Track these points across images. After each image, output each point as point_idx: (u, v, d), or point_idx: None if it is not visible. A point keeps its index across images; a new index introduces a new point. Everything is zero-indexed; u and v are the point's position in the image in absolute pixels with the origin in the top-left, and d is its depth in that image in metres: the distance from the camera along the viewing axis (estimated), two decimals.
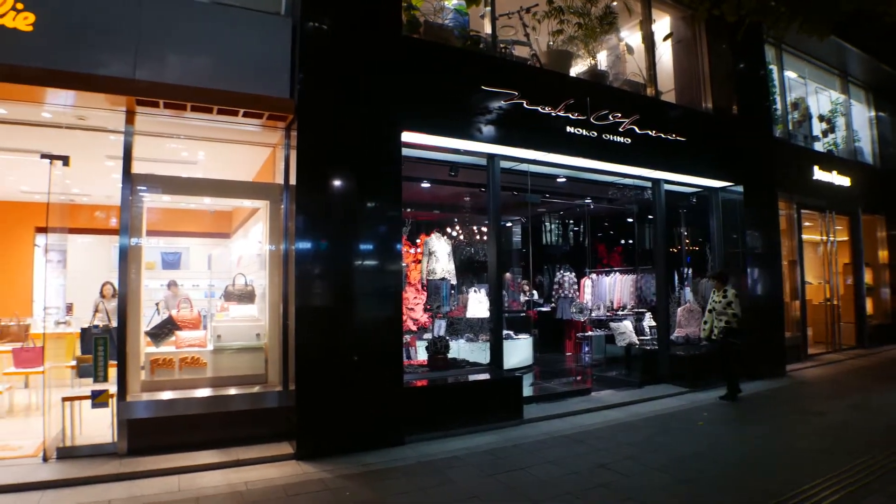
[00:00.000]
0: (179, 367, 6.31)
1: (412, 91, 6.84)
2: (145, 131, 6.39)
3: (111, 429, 5.96)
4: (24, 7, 5.37)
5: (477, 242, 10.34)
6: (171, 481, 5.23)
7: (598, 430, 6.99)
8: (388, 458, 5.90)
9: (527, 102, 7.76)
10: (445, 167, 8.18)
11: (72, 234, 9.62)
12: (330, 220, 6.25)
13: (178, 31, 5.98)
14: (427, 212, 10.93)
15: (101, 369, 5.95)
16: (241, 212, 10.34)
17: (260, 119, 6.43)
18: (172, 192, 6.81)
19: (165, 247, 11.48)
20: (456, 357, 8.31)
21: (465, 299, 9.47)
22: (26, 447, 6.02)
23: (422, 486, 5.13)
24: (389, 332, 6.50)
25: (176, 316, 6.83)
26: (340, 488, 5.07)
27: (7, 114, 6.34)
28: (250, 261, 8.37)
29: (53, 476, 5.26)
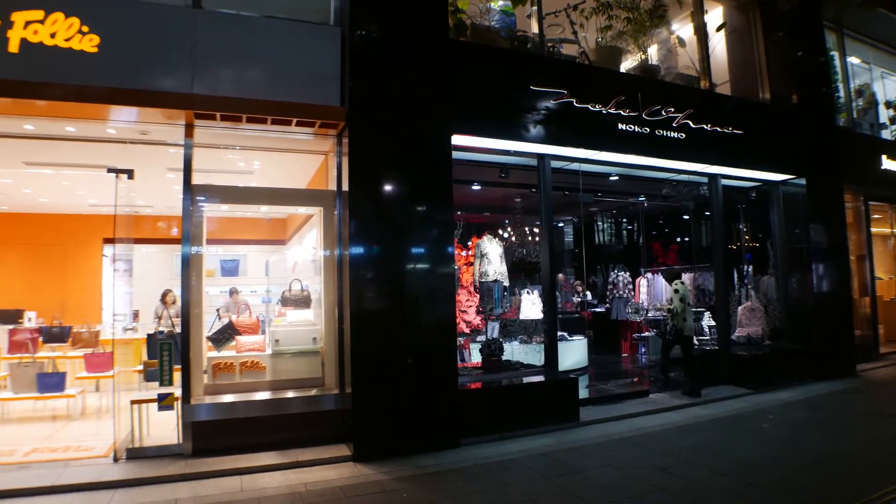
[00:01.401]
0: (240, 371, 6.49)
1: (461, 94, 6.85)
2: (203, 143, 6.61)
3: (176, 430, 6.18)
4: (90, 29, 5.68)
5: (529, 244, 10.27)
6: (234, 482, 5.38)
7: (656, 432, 6.83)
8: (443, 460, 5.91)
9: (576, 101, 7.66)
10: (496, 169, 8.16)
11: (136, 244, 10.04)
12: (383, 225, 6.32)
13: (232, 45, 6.19)
14: (478, 214, 10.93)
15: (167, 373, 6.18)
16: (296, 219, 10.57)
17: (312, 127, 6.56)
18: (230, 202, 7.03)
19: (224, 254, 11.84)
20: (510, 359, 8.26)
21: (517, 301, 9.42)
22: (98, 448, 6.31)
23: (478, 488, 5.12)
24: (443, 335, 6.52)
25: (236, 321, 7.03)
26: (397, 490, 5.10)
27: (76, 131, 6.67)
28: (305, 266, 8.53)
29: (124, 476, 5.50)
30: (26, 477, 5.46)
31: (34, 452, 6.22)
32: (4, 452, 6.23)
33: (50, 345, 8.99)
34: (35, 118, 6.25)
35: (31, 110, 5.96)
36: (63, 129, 6.57)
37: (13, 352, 8.54)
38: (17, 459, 6.00)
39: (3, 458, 6.03)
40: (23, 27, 5.55)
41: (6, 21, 5.52)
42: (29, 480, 5.37)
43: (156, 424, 6.44)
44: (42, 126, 6.49)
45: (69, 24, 5.65)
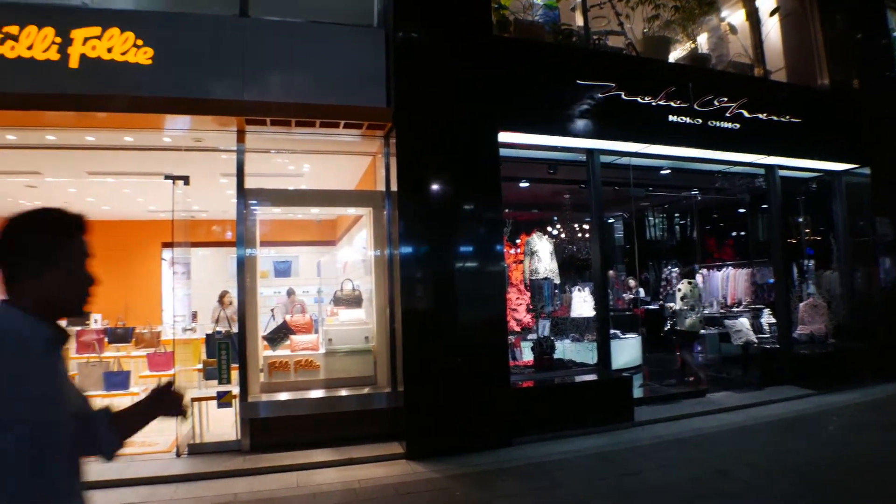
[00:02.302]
0: (294, 370, 6.62)
1: (506, 91, 6.81)
2: (254, 148, 6.77)
3: (235, 427, 6.35)
4: (144, 43, 5.94)
5: (579, 240, 10.12)
6: (290, 477, 5.49)
7: (714, 434, 6.62)
8: (496, 459, 5.88)
9: (625, 93, 7.51)
10: (544, 165, 8.08)
11: (193, 248, 10.35)
12: (432, 224, 6.34)
13: (279, 51, 6.36)
14: (526, 211, 10.84)
15: (225, 372, 6.36)
16: (345, 220, 10.71)
17: (360, 129, 6.65)
18: (282, 204, 7.19)
19: (276, 256, 12.08)
20: (562, 357, 8.17)
21: (568, 298, 9.30)
22: (161, 443, 6.54)
23: (531, 488, 5.08)
24: (494, 333, 6.50)
25: (290, 321, 7.17)
26: (450, 488, 5.11)
27: (134, 141, 6.94)
28: (356, 266, 8.64)
29: (185, 470, 5.70)
30: (94, 470, 5.68)
31: None
32: None
33: (115, 345, 9.36)
34: (96, 130, 6.54)
35: (92, 122, 6.23)
36: (122, 139, 6.84)
37: (81, 352, 8.93)
38: None
39: None
40: (82, 43, 5.84)
41: (66, 38, 5.81)
42: (98, 473, 5.59)
43: (215, 421, 6.64)
44: (102, 137, 6.78)
45: (124, 38, 5.90)
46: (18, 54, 5.76)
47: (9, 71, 5.76)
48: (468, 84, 6.62)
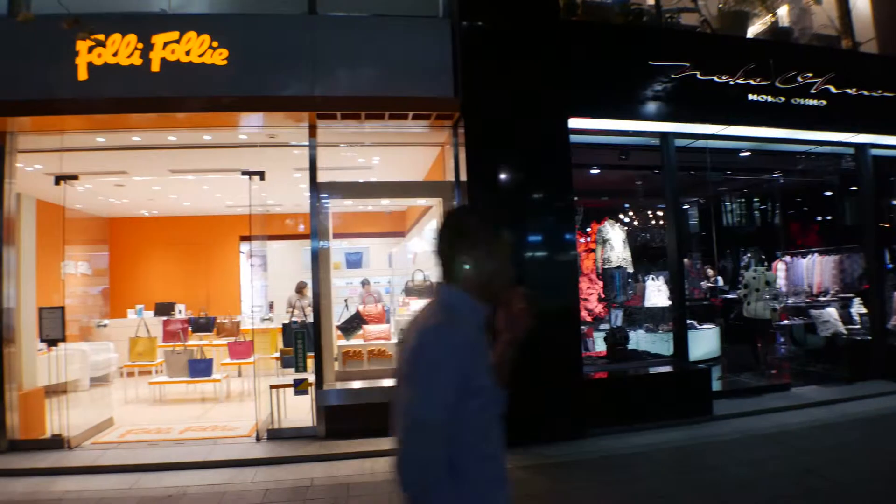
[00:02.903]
0: (367, 359, 6.76)
1: (576, 76, 6.65)
2: (326, 142, 6.90)
3: (311, 414, 6.55)
4: (219, 44, 6.19)
5: (652, 228, 9.84)
6: (365, 464, 5.62)
7: (799, 430, 6.27)
8: (569, 451, 5.81)
9: (700, 73, 7.20)
10: (615, 151, 7.86)
11: (269, 241, 10.73)
12: (501, 213, 6.29)
13: (347, 46, 6.45)
14: (596, 199, 10.62)
15: (301, 360, 6.57)
16: (414, 211, 10.81)
17: (428, 120, 6.68)
18: (353, 196, 7.35)
19: (348, 247, 12.34)
20: (636, 348, 7.97)
21: (641, 288, 9.06)
22: (242, 428, 6.84)
23: (605, 481, 5.00)
24: (567, 323, 6.39)
25: (363, 311, 7.32)
26: (523, 480, 5.09)
27: (212, 139, 7.24)
28: (426, 257, 8.71)
29: (265, 454, 5.94)
30: (182, 452, 6.05)
31: (187, 431, 6.87)
32: (163, 430, 6.94)
33: (198, 334, 9.84)
34: (177, 130, 6.86)
35: (173, 123, 6.54)
36: (201, 137, 7.15)
37: (167, 340, 9.46)
38: (174, 436, 6.66)
39: (161, 435, 6.72)
40: (162, 48, 6.16)
41: (147, 44, 6.14)
42: (184, 455, 5.94)
43: (292, 407, 6.87)
44: (183, 136, 7.11)
45: (201, 41, 6.17)
46: (105, 61, 6.13)
47: (97, 77, 6.13)
48: (536, 70, 6.51)
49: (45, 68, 6.14)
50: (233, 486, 5.15)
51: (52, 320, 6.45)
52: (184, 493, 5.01)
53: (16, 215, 6.51)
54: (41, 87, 6.10)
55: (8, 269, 6.35)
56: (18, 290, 6.47)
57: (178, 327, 9.55)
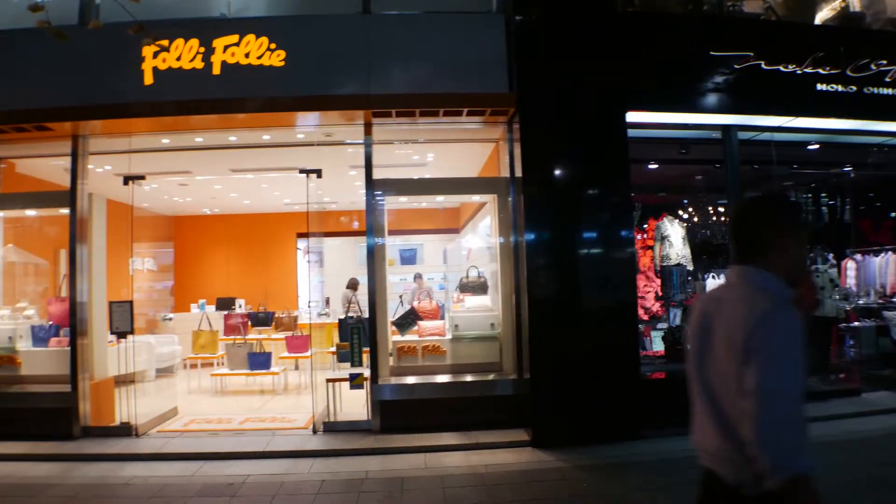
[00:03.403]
0: (422, 355, 6.80)
1: (633, 68, 6.49)
2: (381, 140, 6.98)
3: (366, 408, 6.65)
4: (277, 46, 6.34)
5: (713, 224, 9.53)
6: (419, 459, 5.66)
7: (871, 438, 5.94)
8: (625, 451, 5.70)
9: (765, 63, 6.91)
10: (674, 145, 7.65)
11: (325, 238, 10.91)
12: (558, 210, 6.23)
13: (401, 44, 6.52)
14: (653, 195, 10.36)
15: (357, 355, 6.66)
16: (468, 207, 10.81)
17: (482, 116, 6.65)
18: (408, 193, 7.40)
19: (402, 244, 12.46)
20: None
21: (701, 286, 8.79)
22: (299, 420, 7.00)
23: (662, 484, 4.87)
24: (624, 322, 6.26)
25: (418, 307, 7.37)
26: (578, 479, 5.03)
27: (271, 139, 7.43)
28: (480, 253, 8.70)
29: (321, 447, 6.06)
30: (242, 442, 6.23)
31: (247, 421, 7.07)
32: (224, 420, 7.17)
33: (257, 328, 10.12)
34: (237, 130, 7.08)
35: (233, 123, 6.75)
36: (260, 137, 7.35)
37: (228, 334, 9.76)
38: (234, 427, 6.87)
39: (223, 425, 6.94)
40: (222, 51, 6.36)
41: (209, 48, 6.35)
42: (244, 445, 6.12)
43: (348, 401, 6.99)
44: (243, 136, 7.32)
45: (259, 43, 6.35)
46: (169, 65, 6.38)
47: (162, 81, 6.39)
48: (592, 63, 6.40)
49: (113, 74, 6.44)
50: (290, 477, 5.27)
51: (121, 314, 6.75)
52: (244, 482, 5.16)
53: (88, 214, 6.84)
54: (110, 91, 6.40)
55: (81, 265, 6.69)
56: (90, 285, 6.80)
57: (239, 321, 9.84)
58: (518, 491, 4.79)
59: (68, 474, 5.52)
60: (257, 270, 13.85)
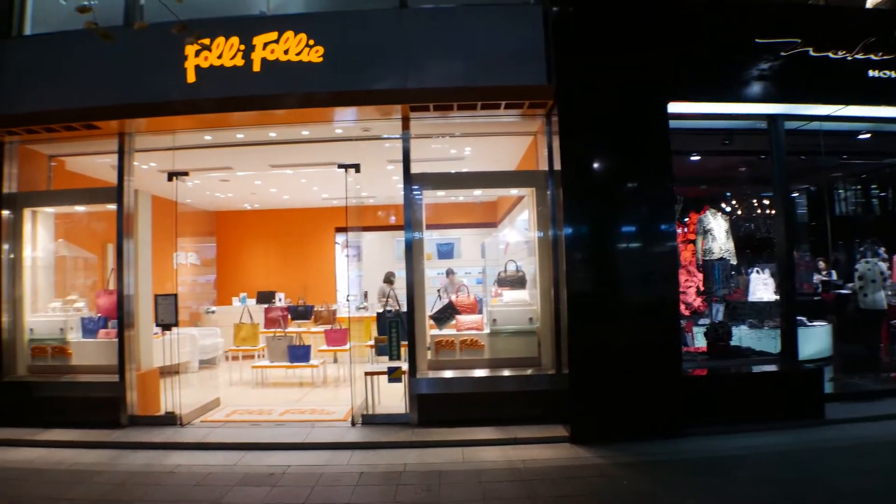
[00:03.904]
0: (460, 349, 6.80)
1: (675, 58, 6.34)
2: (418, 134, 6.96)
3: (404, 401, 6.68)
4: (315, 42, 6.43)
5: (757, 217, 9.27)
6: (456, 453, 5.66)
7: None
8: (665, 449, 5.58)
9: (813, 49, 6.67)
10: (716, 136, 7.45)
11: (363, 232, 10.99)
12: (598, 203, 6.13)
13: (438, 37, 6.54)
14: (694, 187, 10.13)
15: (395, 349, 6.70)
16: (506, 201, 10.76)
17: (520, 109, 6.58)
18: (446, 187, 7.40)
19: (439, 238, 12.47)
20: (738, 345, 7.56)
21: (745, 281, 8.58)
22: (338, 412, 7.08)
23: (702, 483, 4.76)
24: (665, 317, 6.14)
25: (456, 301, 7.36)
26: (617, 476, 4.96)
27: (309, 134, 7.50)
28: (518, 247, 8.65)
29: (360, 439, 6.12)
30: (282, 433, 6.34)
31: (287, 413, 7.18)
32: (264, 411, 7.30)
33: (296, 321, 10.26)
34: (276, 126, 7.17)
35: (272, 119, 6.83)
36: (299, 133, 7.43)
37: (268, 327, 9.93)
38: (275, 418, 6.99)
39: (263, 416, 7.06)
40: (262, 48, 6.47)
41: (249, 45, 6.48)
42: (285, 436, 6.22)
43: (386, 394, 7.03)
44: (282, 132, 7.42)
45: (298, 39, 6.44)
46: (210, 63, 6.53)
47: (204, 79, 6.53)
48: (632, 54, 6.27)
49: (157, 73, 6.62)
50: (329, 468, 5.34)
51: (166, 306, 6.93)
52: (284, 472, 5.24)
53: (134, 210, 7.03)
54: (154, 90, 6.58)
55: (128, 259, 6.89)
56: (137, 279, 7.00)
57: (279, 314, 10.00)
58: (556, 487, 4.75)
59: (116, 461, 5.71)
60: (296, 264, 14.07)
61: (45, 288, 7.64)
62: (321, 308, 10.47)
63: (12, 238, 7.18)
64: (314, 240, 14.24)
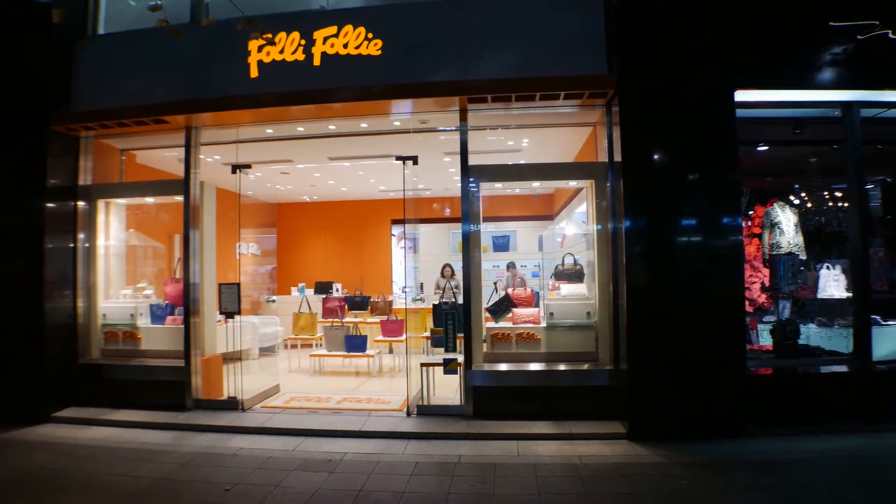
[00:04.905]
0: (516, 342, 6.76)
1: (743, 44, 6.09)
2: (475, 126, 6.93)
3: (459, 393, 6.70)
4: (374, 35, 6.49)
5: (828, 210, 8.85)
6: (511, 446, 5.64)
7: None
8: (727, 450, 5.40)
9: (893, 31, 6.29)
10: (786, 125, 7.13)
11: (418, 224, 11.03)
12: (660, 195, 5.96)
13: (495, 28, 6.49)
14: (760, 179, 9.74)
15: (451, 341, 6.72)
16: (562, 193, 10.63)
17: (580, 99, 6.45)
18: (504, 179, 7.35)
19: (495, 231, 12.43)
20: (807, 343, 7.25)
21: (814, 277, 8.20)
22: (393, 402, 7.16)
23: (765, 485, 4.58)
24: (730, 314, 5.92)
25: (513, 294, 7.32)
26: (676, 476, 4.83)
27: (367, 127, 7.59)
28: (575, 240, 8.52)
29: (415, 429, 6.17)
30: (339, 421, 6.45)
31: (344, 402, 7.32)
32: (322, 399, 7.46)
33: (353, 312, 10.42)
34: (334, 119, 7.27)
35: (330, 112, 6.93)
36: (358, 125, 7.53)
37: (326, 317, 10.12)
38: (332, 406, 7.13)
39: (321, 404, 7.22)
40: (322, 43, 6.57)
41: (309, 40, 6.60)
42: (342, 424, 6.34)
43: (441, 386, 7.08)
44: (341, 125, 7.53)
45: (357, 33, 6.52)
46: (273, 58, 6.69)
47: (266, 74, 6.69)
48: (697, 40, 6.06)
49: (222, 69, 6.83)
50: (385, 457, 5.41)
51: (229, 295, 7.15)
52: (341, 460, 5.34)
53: (200, 201, 7.28)
54: (219, 85, 6.79)
55: (193, 248, 7.15)
56: (202, 268, 7.25)
57: (336, 305, 10.18)
58: (614, 484, 4.67)
59: (182, 443, 5.95)
60: (353, 255, 14.30)
61: (117, 275, 8.01)
62: (377, 299, 10.60)
63: (87, 228, 7.54)
64: (371, 231, 14.44)
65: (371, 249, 14.42)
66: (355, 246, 14.40)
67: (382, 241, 14.48)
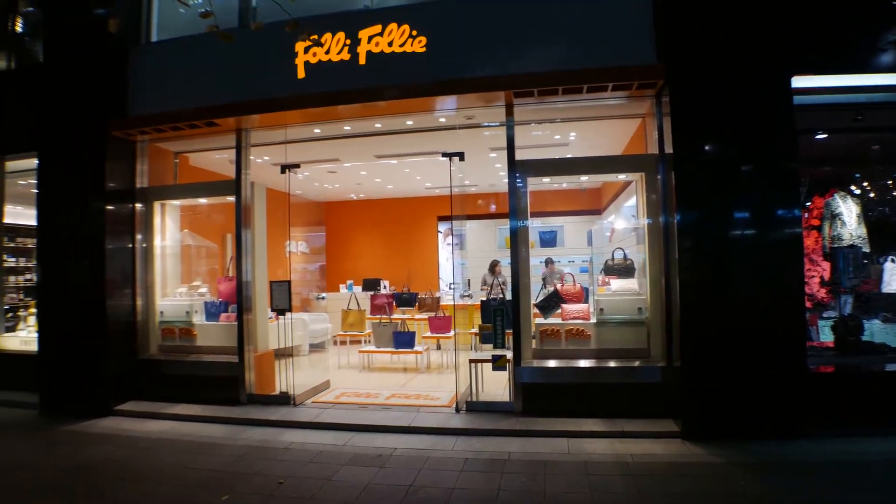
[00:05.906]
0: (565, 338, 6.68)
1: (799, 28, 5.83)
2: (521, 121, 6.85)
3: (507, 389, 6.68)
4: (418, 32, 6.48)
5: (893, 200, 8.44)
6: (561, 443, 5.58)
7: None
8: (785, 451, 5.20)
9: None
10: (846, 111, 6.81)
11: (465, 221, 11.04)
12: (714, 187, 5.77)
13: (540, 20, 6.38)
14: (818, 168, 9.35)
15: (500, 337, 6.69)
16: (610, 187, 10.44)
17: (628, 90, 6.29)
18: (552, 174, 7.28)
19: (542, 226, 12.31)
20: (871, 340, 6.93)
21: (878, 270, 7.83)
22: (442, 398, 7.19)
23: (825, 489, 4.38)
24: (788, 309, 5.69)
25: (562, 290, 7.23)
26: (732, 476, 4.69)
27: (413, 124, 7.61)
28: (624, 234, 8.36)
29: (464, 425, 6.16)
30: (389, 417, 6.51)
31: (392, 397, 7.38)
32: (371, 395, 7.54)
33: (401, 308, 10.50)
34: (380, 117, 7.31)
35: (375, 111, 6.96)
36: (403, 123, 7.56)
37: (374, 313, 10.22)
38: (381, 401, 7.20)
39: (371, 399, 7.30)
40: (367, 42, 6.62)
41: (355, 39, 6.65)
42: (391, 420, 6.39)
43: (489, 382, 7.05)
44: (387, 123, 7.58)
45: (402, 31, 6.54)
46: (319, 59, 6.78)
47: (313, 74, 6.79)
48: (750, 25, 5.84)
49: (270, 71, 6.96)
50: (435, 453, 5.43)
51: (280, 292, 7.30)
52: (391, 455, 5.39)
53: (251, 201, 7.45)
54: (268, 87, 6.92)
55: (245, 247, 7.32)
56: (254, 266, 7.42)
57: (384, 301, 10.27)
58: (668, 484, 4.57)
59: (237, 436, 6.12)
60: (400, 252, 14.41)
61: (173, 274, 8.27)
62: (425, 295, 10.65)
63: (144, 229, 7.81)
64: (417, 228, 14.52)
65: (417, 246, 14.50)
66: (402, 243, 14.51)
67: (429, 238, 14.54)
